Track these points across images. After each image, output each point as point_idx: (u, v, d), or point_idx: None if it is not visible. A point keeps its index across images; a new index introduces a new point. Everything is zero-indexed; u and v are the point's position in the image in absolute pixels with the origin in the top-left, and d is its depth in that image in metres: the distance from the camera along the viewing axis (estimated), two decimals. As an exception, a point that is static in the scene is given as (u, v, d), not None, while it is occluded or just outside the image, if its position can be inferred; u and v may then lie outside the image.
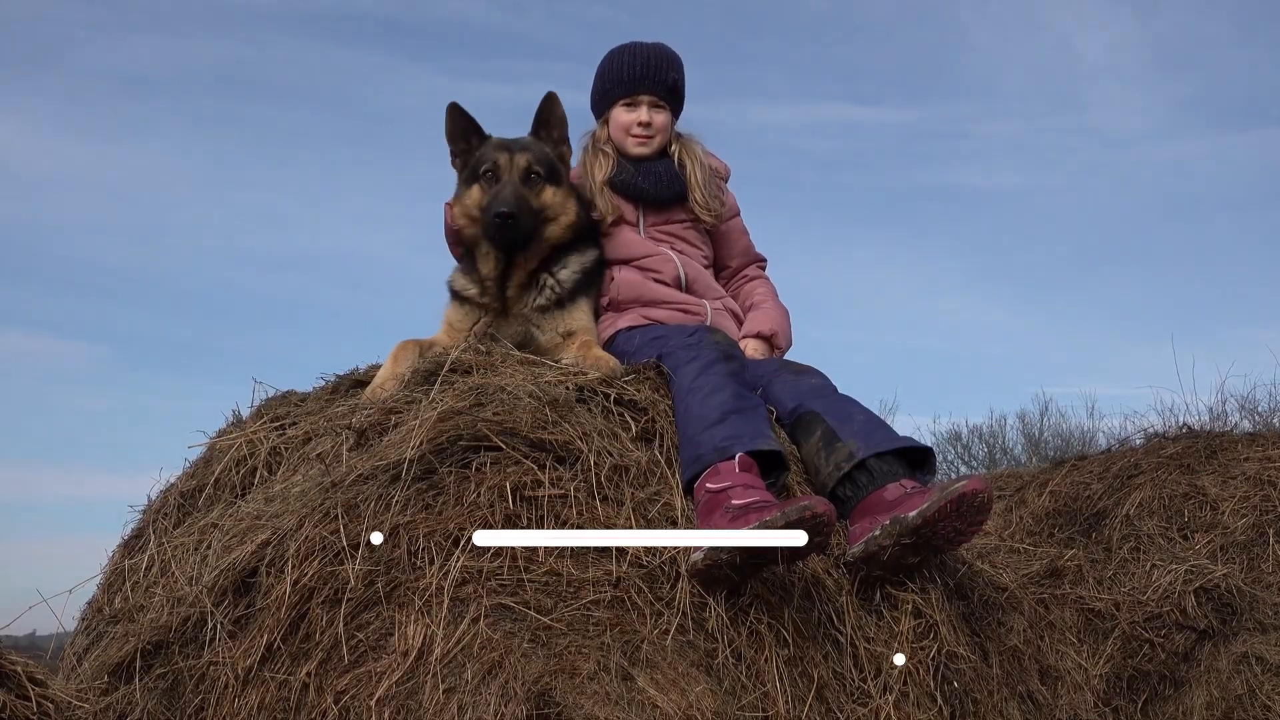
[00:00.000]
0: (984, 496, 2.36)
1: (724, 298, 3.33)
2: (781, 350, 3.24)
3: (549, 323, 2.98)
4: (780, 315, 3.31)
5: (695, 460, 2.44)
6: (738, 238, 3.45)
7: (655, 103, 3.30)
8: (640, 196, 3.25)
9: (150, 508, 2.82)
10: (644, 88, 3.29)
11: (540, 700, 2.12)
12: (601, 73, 3.36)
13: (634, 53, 3.31)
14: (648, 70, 3.29)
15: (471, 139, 3.08)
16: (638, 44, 3.35)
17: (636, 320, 3.09)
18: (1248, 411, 7.57)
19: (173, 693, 2.23)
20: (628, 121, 3.29)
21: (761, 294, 3.39)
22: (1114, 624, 3.41)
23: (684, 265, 3.22)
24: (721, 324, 3.16)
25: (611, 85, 3.32)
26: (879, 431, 2.59)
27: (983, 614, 2.87)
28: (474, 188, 3.01)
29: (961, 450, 15.63)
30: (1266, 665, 3.29)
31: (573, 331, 2.96)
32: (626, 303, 3.13)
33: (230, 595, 2.27)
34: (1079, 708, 3.13)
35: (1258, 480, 3.77)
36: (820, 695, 2.27)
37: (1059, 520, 3.99)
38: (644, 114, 3.28)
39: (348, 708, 2.14)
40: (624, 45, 3.35)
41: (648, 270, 3.18)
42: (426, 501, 2.32)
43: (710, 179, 3.33)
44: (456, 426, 2.40)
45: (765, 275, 3.50)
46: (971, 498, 2.34)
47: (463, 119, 3.07)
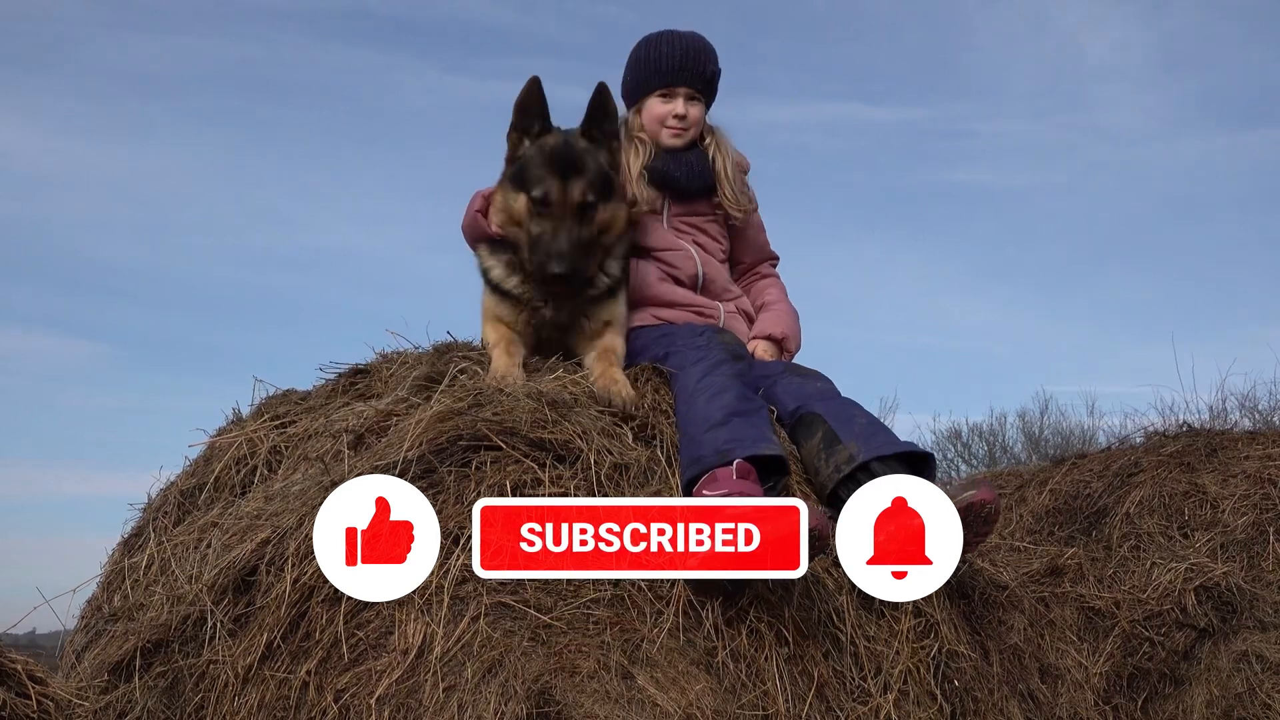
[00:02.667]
0: (992, 507, 2.33)
1: (738, 298, 3.29)
2: (791, 354, 3.20)
3: (596, 311, 2.91)
4: (791, 318, 3.27)
5: (695, 461, 2.44)
6: (755, 234, 3.40)
7: (691, 95, 3.22)
8: (670, 185, 3.19)
9: (150, 506, 2.81)
10: (682, 79, 3.21)
11: (540, 699, 2.13)
12: (637, 61, 3.27)
13: (672, 42, 3.23)
14: (686, 61, 3.21)
15: (537, 123, 2.87)
16: (675, 33, 3.27)
17: (647, 320, 3.07)
18: (1248, 410, 7.56)
19: (172, 691, 2.23)
20: (663, 113, 3.21)
21: (773, 294, 3.35)
22: (1114, 622, 3.41)
23: (703, 263, 3.19)
24: (733, 326, 3.13)
25: (648, 75, 3.22)
26: (880, 434, 2.58)
27: (983, 612, 2.88)
28: (520, 198, 2.80)
29: (961, 448, 15.64)
30: (1267, 663, 3.29)
31: (609, 321, 2.90)
32: (640, 302, 3.10)
33: (230, 594, 2.27)
34: (1079, 706, 3.13)
35: (1258, 478, 3.76)
36: (820, 694, 2.28)
37: (1059, 519, 3.98)
38: (680, 106, 3.20)
39: (348, 706, 2.15)
40: (660, 33, 3.27)
41: (666, 265, 3.15)
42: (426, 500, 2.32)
43: (738, 174, 3.29)
44: (456, 426, 2.40)
45: (777, 274, 3.46)
46: (980, 508, 2.31)
47: (539, 97, 2.87)
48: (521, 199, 2.80)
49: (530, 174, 2.79)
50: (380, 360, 2.92)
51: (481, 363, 2.75)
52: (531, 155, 2.82)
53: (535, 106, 2.86)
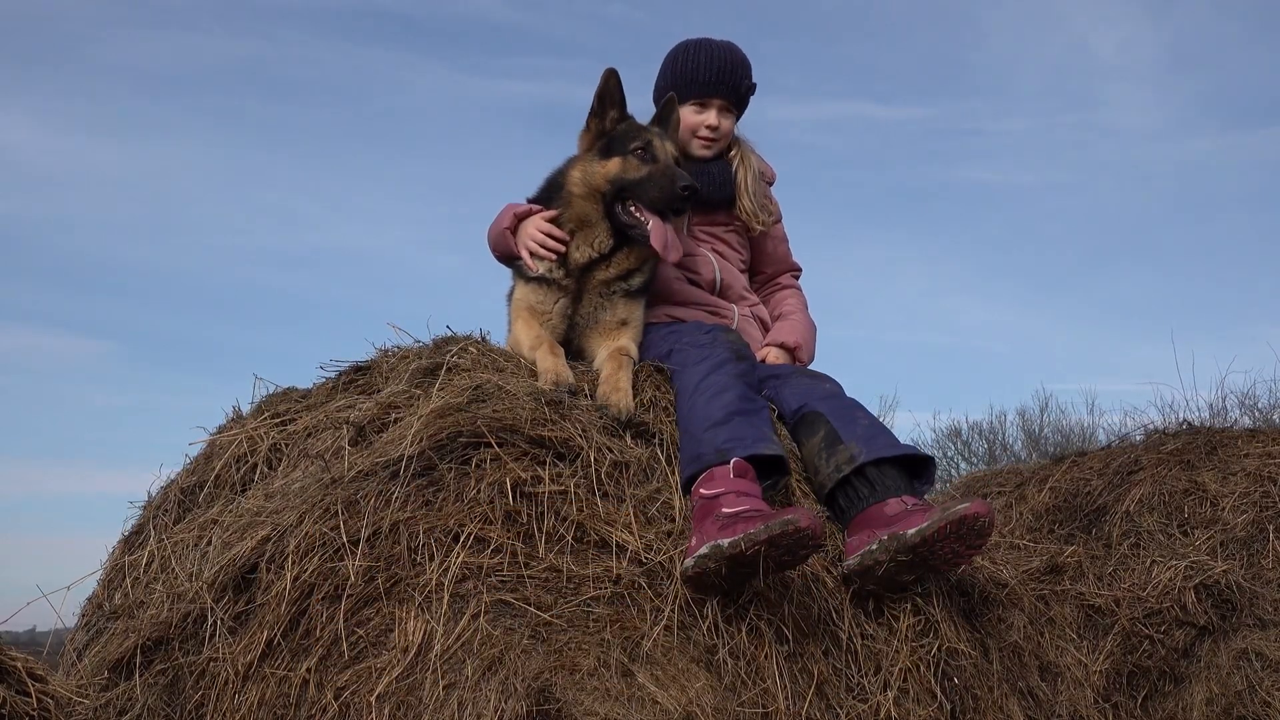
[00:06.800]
0: (985, 520, 2.33)
1: (754, 305, 3.30)
2: (803, 364, 3.20)
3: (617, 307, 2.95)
4: (807, 328, 3.27)
5: (695, 460, 2.44)
6: (776, 245, 3.41)
7: (725, 107, 3.26)
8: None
9: (150, 504, 2.82)
10: (718, 91, 3.23)
11: (540, 696, 2.13)
12: (673, 70, 3.28)
13: (709, 54, 3.25)
14: (723, 74, 3.23)
15: (613, 111, 3.00)
16: (710, 43, 3.29)
17: (660, 318, 3.08)
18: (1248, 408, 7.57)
19: (173, 689, 2.23)
20: (695, 123, 3.23)
21: (791, 305, 3.35)
22: (1114, 620, 3.41)
23: (721, 269, 3.20)
24: (746, 331, 3.14)
25: (684, 84, 3.24)
26: (882, 437, 2.58)
27: (983, 610, 2.87)
28: (614, 160, 2.93)
29: (961, 446, 15.66)
30: (1266, 661, 3.29)
31: (626, 321, 2.94)
32: (656, 300, 3.11)
33: (230, 591, 2.27)
34: (1079, 704, 3.13)
35: (1258, 476, 3.76)
36: (820, 691, 2.28)
37: (1059, 516, 3.98)
38: (713, 117, 3.23)
39: (348, 704, 2.15)
40: (697, 43, 3.29)
41: (686, 270, 3.16)
42: (426, 498, 2.33)
43: (760, 185, 3.30)
44: (456, 423, 2.40)
45: (798, 286, 3.46)
46: (972, 520, 2.31)
47: (619, 87, 2.99)
48: (614, 161, 2.93)
49: (625, 138, 2.95)
50: (381, 356, 2.92)
51: (481, 352, 2.75)
52: (623, 129, 2.98)
53: (614, 96, 2.99)
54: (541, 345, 2.79)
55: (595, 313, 2.93)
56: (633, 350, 2.86)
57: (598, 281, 2.95)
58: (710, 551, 2.21)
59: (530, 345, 2.82)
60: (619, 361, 2.75)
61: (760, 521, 2.19)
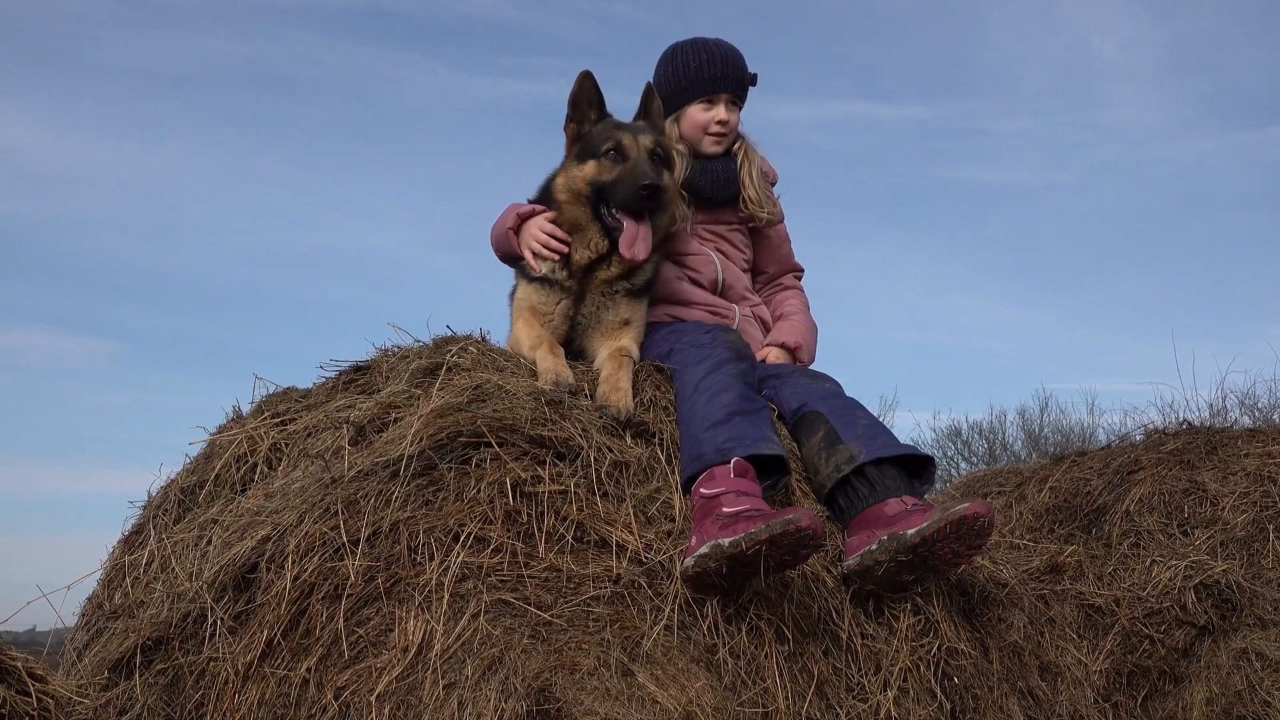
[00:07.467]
0: (985, 520, 2.33)
1: (756, 305, 3.30)
2: (803, 364, 3.19)
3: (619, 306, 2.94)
4: (807, 329, 3.28)
5: (695, 459, 2.44)
6: (779, 244, 3.42)
7: (732, 100, 3.26)
8: (696, 194, 3.22)
9: (150, 504, 2.82)
10: (725, 85, 3.24)
11: (540, 696, 2.13)
12: (675, 71, 3.28)
13: (711, 51, 3.26)
14: (726, 68, 3.25)
15: (591, 112, 3.01)
16: (707, 40, 3.30)
17: (662, 318, 3.08)
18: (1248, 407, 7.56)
19: (173, 688, 2.23)
20: (705, 120, 3.23)
21: (793, 305, 3.35)
22: (1114, 620, 3.41)
23: (723, 269, 3.20)
24: (747, 331, 3.14)
25: (690, 83, 3.25)
26: (882, 437, 2.59)
27: (983, 610, 2.87)
28: (589, 164, 2.93)
29: (961, 446, 15.66)
30: (1266, 661, 3.29)
31: (628, 320, 2.94)
32: (658, 300, 3.11)
33: (230, 591, 2.27)
34: (1079, 703, 3.13)
35: (1258, 476, 3.75)
36: (820, 691, 2.28)
37: (1059, 516, 3.98)
38: (722, 112, 3.23)
39: (348, 703, 2.15)
40: (694, 42, 3.30)
41: (688, 269, 3.16)
42: (426, 497, 2.33)
43: (764, 181, 3.30)
44: (456, 423, 2.40)
45: (800, 286, 3.46)
46: (972, 521, 2.31)
47: (594, 89, 3.00)
48: (589, 165, 2.94)
49: (597, 141, 2.96)
50: (381, 355, 2.92)
51: (481, 352, 2.75)
52: (596, 130, 2.99)
53: (589, 97, 3.00)
54: (542, 345, 2.78)
55: (598, 313, 2.93)
56: (634, 350, 2.86)
57: (600, 281, 2.95)
58: (710, 551, 2.21)
59: (530, 345, 2.82)
60: (619, 361, 2.75)
61: (761, 521, 2.19)
